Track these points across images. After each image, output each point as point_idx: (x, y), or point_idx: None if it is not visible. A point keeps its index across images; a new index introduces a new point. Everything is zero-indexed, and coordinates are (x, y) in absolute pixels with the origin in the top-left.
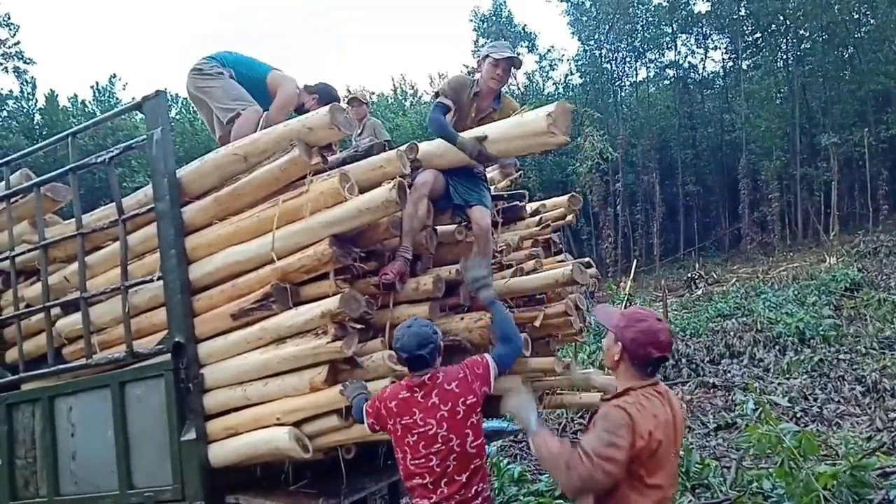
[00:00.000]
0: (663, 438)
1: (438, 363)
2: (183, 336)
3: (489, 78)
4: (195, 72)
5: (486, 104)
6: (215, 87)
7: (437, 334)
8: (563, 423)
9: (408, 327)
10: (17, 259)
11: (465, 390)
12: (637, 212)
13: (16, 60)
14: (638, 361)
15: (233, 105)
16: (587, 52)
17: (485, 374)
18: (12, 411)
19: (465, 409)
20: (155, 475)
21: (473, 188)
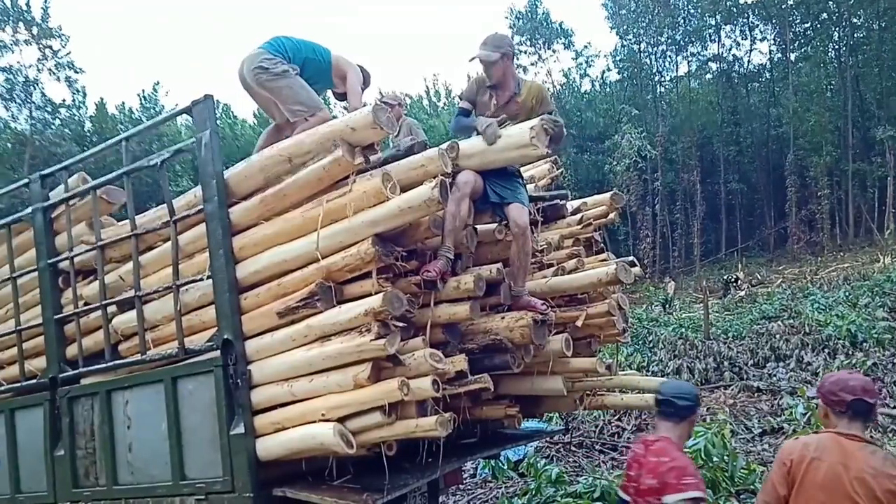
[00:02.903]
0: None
1: (679, 431)
2: (231, 333)
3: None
4: (260, 69)
5: (505, 93)
6: (282, 87)
7: (697, 404)
8: (601, 425)
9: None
10: (76, 259)
11: (653, 472)
12: (676, 211)
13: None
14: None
15: (299, 109)
16: (625, 47)
17: (671, 485)
18: (73, 404)
19: (648, 487)
20: (206, 467)
21: (510, 186)
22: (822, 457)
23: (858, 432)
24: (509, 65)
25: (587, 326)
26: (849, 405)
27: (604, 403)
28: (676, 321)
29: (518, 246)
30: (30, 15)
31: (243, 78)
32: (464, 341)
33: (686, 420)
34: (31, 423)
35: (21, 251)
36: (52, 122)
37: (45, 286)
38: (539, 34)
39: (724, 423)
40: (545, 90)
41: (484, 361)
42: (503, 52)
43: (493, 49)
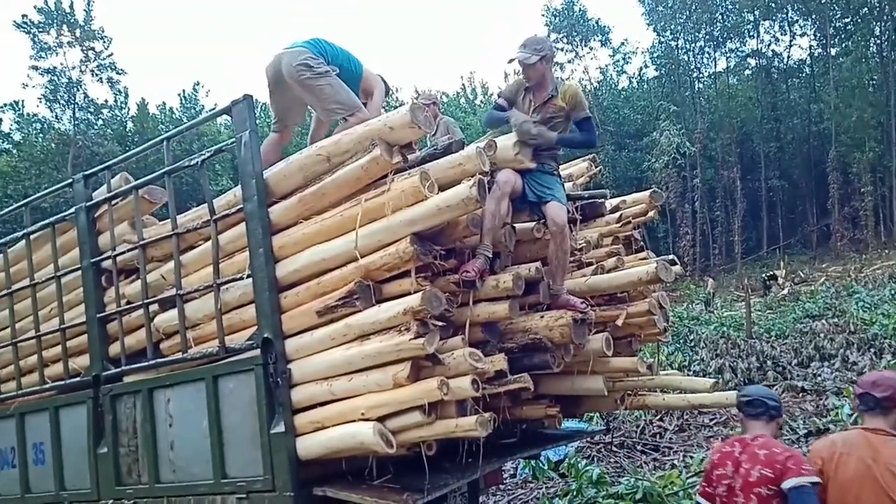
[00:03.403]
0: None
1: (770, 431)
2: (271, 332)
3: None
4: (304, 67)
5: (542, 95)
6: (323, 86)
7: (780, 406)
8: (642, 425)
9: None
10: (118, 258)
11: (768, 463)
12: (716, 208)
13: (109, 71)
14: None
15: (338, 108)
16: (663, 43)
17: (792, 470)
18: (116, 402)
19: (759, 478)
20: (247, 466)
21: (547, 185)
22: (851, 451)
23: (884, 426)
24: (547, 67)
25: (627, 325)
26: (859, 399)
27: (645, 403)
28: (718, 320)
29: (556, 244)
30: (73, 17)
31: (278, 74)
32: (503, 340)
33: (774, 420)
34: (74, 421)
35: (65, 250)
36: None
37: (89, 285)
38: (576, 31)
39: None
40: (580, 92)
41: (523, 361)
42: (542, 55)
43: (532, 51)
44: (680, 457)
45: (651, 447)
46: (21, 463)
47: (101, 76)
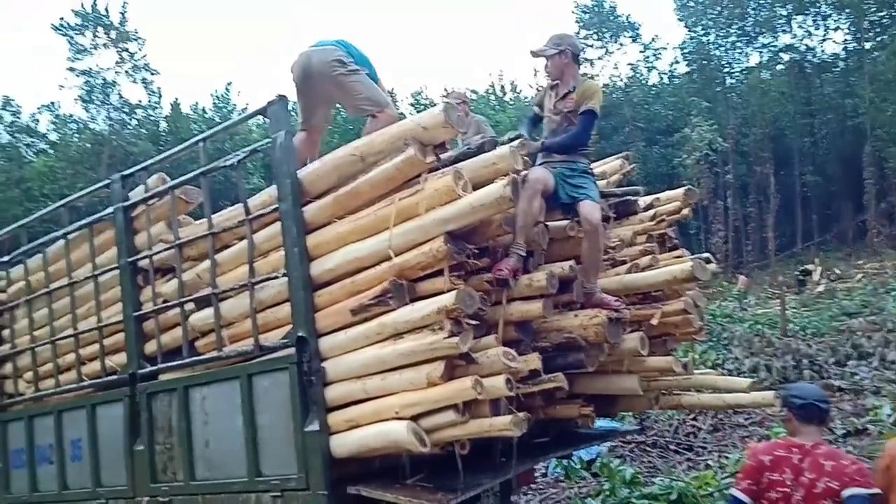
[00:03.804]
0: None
1: (822, 434)
2: (306, 331)
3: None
4: (338, 63)
5: (563, 90)
6: (355, 83)
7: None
8: (675, 425)
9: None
10: (155, 257)
11: (835, 475)
12: (749, 204)
13: (143, 72)
14: None
15: (368, 105)
16: (694, 39)
17: (857, 481)
18: (152, 400)
19: (824, 490)
20: (281, 464)
21: (580, 185)
22: None
23: None
24: (568, 62)
25: (662, 324)
26: None
27: (680, 403)
28: (751, 318)
29: (590, 243)
30: (108, 20)
31: (307, 71)
32: (537, 339)
33: (825, 423)
34: (111, 419)
35: (102, 250)
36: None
37: (126, 284)
38: (606, 28)
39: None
40: (594, 87)
41: (557, 360)
42: (561, 49)
43: (552, 45)
44: (715, 457)
45: (685, 447)
46: (59, 459)
47: (135, 77)
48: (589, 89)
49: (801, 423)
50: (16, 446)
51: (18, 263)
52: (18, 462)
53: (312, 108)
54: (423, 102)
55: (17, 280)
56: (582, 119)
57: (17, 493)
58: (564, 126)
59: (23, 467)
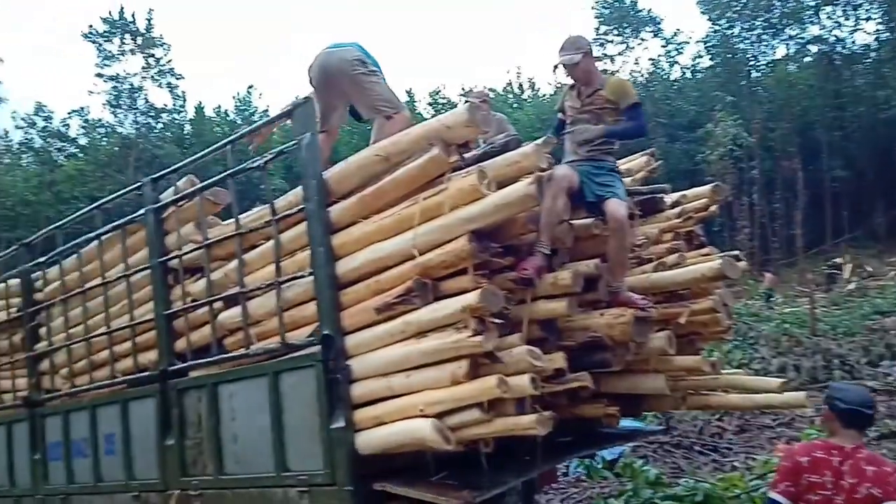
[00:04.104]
0: None
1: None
2: (331, 329)
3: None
4: (359, 63)
5: (590, 88)
6: (374, 83)
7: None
8: (700, 425)
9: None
10: (184, 257)
11: (878, 481)
12: (776, 200)
13: (168, 77)
14: None
15: (385, 106)
16: (718, 32)
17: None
18: (182, 396)
19: (866, 496)
20: (307, 460)
21: (606, 183)
22: None
23: None
24: (591, 62)
25: (690, 323)
26: None
27: (708, 403)
28: (779, 316)
29: (616, 241)
30: (135, 26)
31: (325, 71)
32: (562, 338)
33: (867, 428)
34: (143, 414)
35: (134, 250)
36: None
37: (157, 283)
38: (626, 23)
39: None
40: (626, 82)
41: (582, 359)
42: (584, 51)
43: (573, 51)
44: (741, 458)
45: (710, 448)
46: (93, 453)
47: (160, 82)
48: (621, 85)
49: (843, 427)
50: (53, 440)
51: (54, 264)
52: (56, 455)
53: (331, 109)
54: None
55: (54, 280)
56: (633, 113)
57: (55, 484)
58: (594, 124)
59: (60, 460)
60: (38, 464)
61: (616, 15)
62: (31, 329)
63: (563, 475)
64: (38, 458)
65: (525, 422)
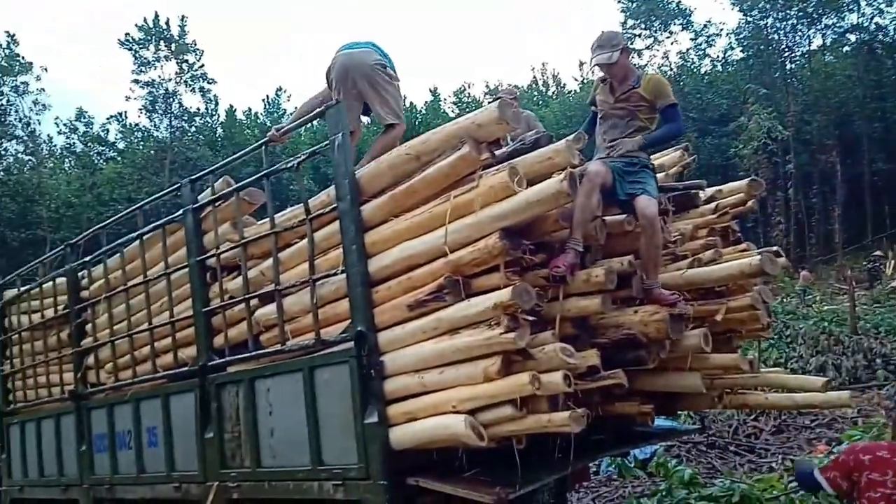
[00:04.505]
0: None
1: None
2: (364, 325)
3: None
4: (381, 67)
5: (625, 85)
6: (391, 91)
7: None
8: (735, 425)
9: None
10: (222, 256)
11: None
12: (813, 195)
13: (201, 81)
14: None
15: (392, 117)
16: (750, 23)
17: None
18: (220, 391)
19: None
20: (342, 454)
21: (638, 180)
22: None
23: None
24: (626, 58)
25: (727, 321)
26: None
27: (745, 402)
28: (817, 314)
29: (646, 238)
30: (169, 33)
31: (345, 72)
32: (595, 336)
33: None
34: (183, 408)
35: (174, 249)
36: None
37: (195, 281)
38: (654, 16)
39: (883, 426)
40: (663, 80)
41: (616, 356)
42: (620, 49)
43: (610, 49)
44: (778, 460)
45: (745, 448)
46: (136, 445)
47: (193, 86)
48: (658, 83)
49: None
50: (98, 431)
51: (99, 263)
52: (101, 446)
53: (351, 111)
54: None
55: (98, 278)
56: (671, 114)
57: (100, 474)
58: (627, 121)
59: (105, 451)
60: (85, 455)
61: (644, 9)
62: (77, 325)
63: (594, 474)
64: (84, 449)
65: (558, 419)
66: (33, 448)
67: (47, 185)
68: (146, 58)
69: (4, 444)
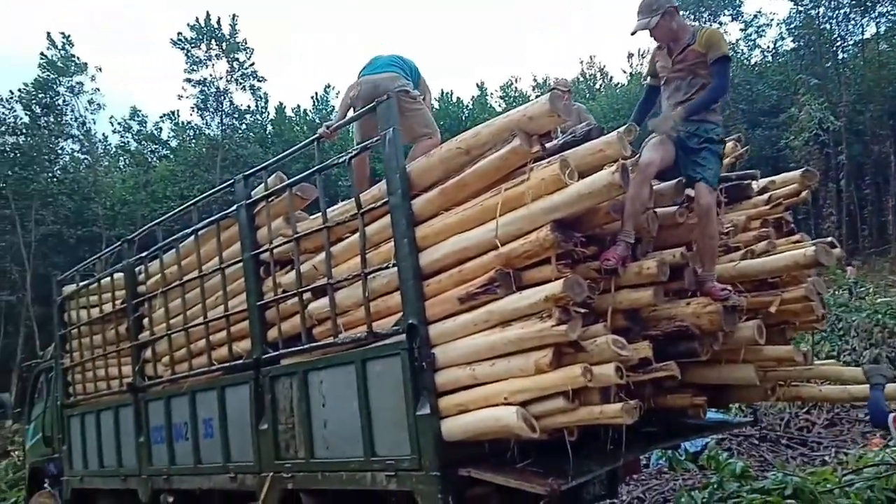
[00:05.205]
0: None
1: None
2: (415, 318)
3: None
4: (403, 92)
5: (679, 44)
6: (416, 112)
7: None
8: (787, 418)
9: None
10: (275, 251)
11: None
12: (865, 186)
13: (251, 80)
14: None
15: (425, 131)
16: (801, 12)
17: None
18: (274, 383)
19: None
20: (394, 445)
21: (700, 161)
22: None
23: None
24: (673, 19)
25: (781, 312)
26: None
27: (799, 395)
28: (870, 306)
29: (701, 228)
30: (220, 32)
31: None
32: (647, 328)
33: None
34: (238, 400)
35: (228, 244)
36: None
37: (249, 276)
38: (704, 7)
39: None
40: (717, 33)
41: (668, 348)
42: (661, 12)
43: (649, 14)
44: (832, 453)
45: (797, 441)
46: (193, 436)
47: (244, 84)
48: (712, 36)
49: None
50: (156, 423)
51: (155, 258)
52: (158, 438)
53: (373, 130)
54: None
55: (155, 273)
56: (716, 69)
57: (158, 465)
58: (689, 80)
59: (162, 443)
60: (143, 446)
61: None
62: (135, 319)
63: (645, 466)
64: (142, 440)
65: (610, 411)
66: (93, 439)
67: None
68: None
69: (65, 436)
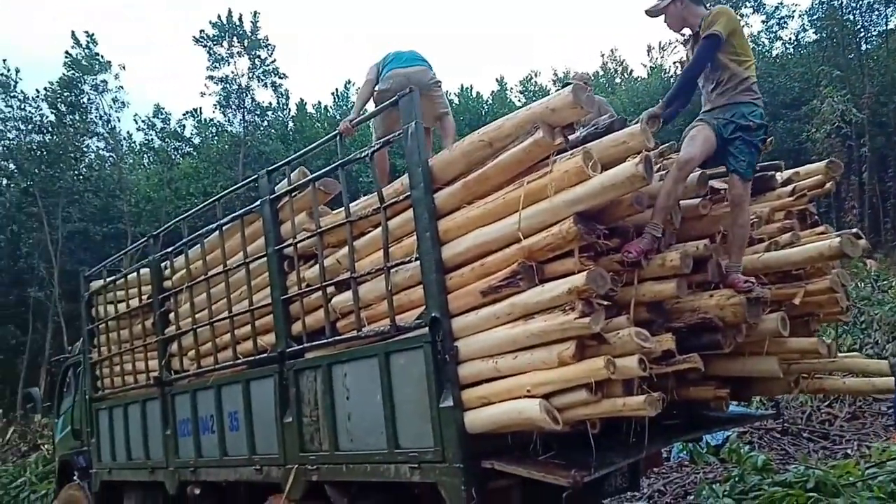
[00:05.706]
0: None
1: None
2: (438, 311)
3: None
4: (436, 84)
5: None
6: (444, 98)
7: None
8: (808, 411)
9: None
10: (299, 245)
11: None
12: (888, 179)
13: (273, 77)
14: None
15: (443, 110)
16: (823, 3)
17: None
18: (299, 376)
19: None
20: (418, 438)
21: (735, 153)
22: None
23: None
24: (685, 5)
25: (805, 304)
26: None
27: (822, 387)
28: (893, 299)
29: (732, 219)
30: (242, 29)
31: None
32: (670, 320)
33: None
34: (263, 393)
35: (252, 239)
36: (261, 123)
37: (273, 270)
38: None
39: None
40: (717, 14)
41: (691, 340)
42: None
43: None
44: (854, 446)
45: (819, 435)
46: (219, 429)
47: (265, 81)
48: (710, 16)
49: None
50: (182, 416)
51: (181, 254)
52: (185, 431)
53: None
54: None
55: (180, 268)
56: (698, 47)
57: (184, 457)
58: (710, 66)
59: (188, 436)
60: (170, 438)
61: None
62: (161, 314)
63: (666, 459)
64: (169, 433)
65: (633, 403)
66: (121, 432)
67: (127, 180)
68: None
69: (94, 429)
